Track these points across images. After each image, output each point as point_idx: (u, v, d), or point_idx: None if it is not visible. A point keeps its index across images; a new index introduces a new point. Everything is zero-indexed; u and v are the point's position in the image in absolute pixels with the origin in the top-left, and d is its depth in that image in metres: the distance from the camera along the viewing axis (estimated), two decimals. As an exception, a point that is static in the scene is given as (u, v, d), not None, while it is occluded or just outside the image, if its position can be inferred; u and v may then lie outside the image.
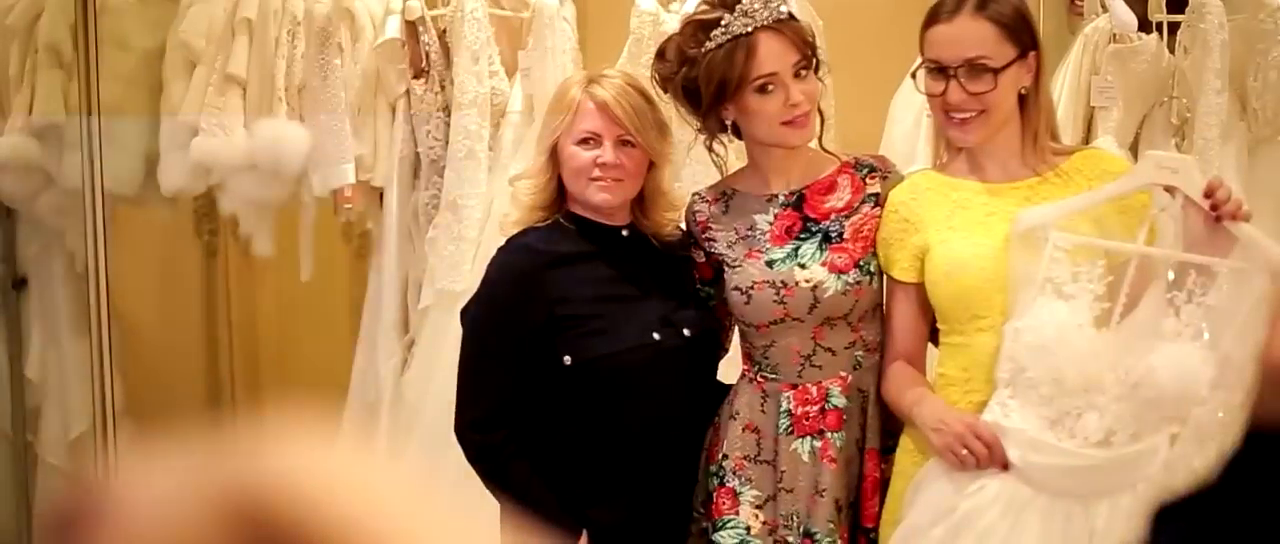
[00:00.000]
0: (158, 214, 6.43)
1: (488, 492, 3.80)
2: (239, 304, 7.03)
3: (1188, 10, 4.69)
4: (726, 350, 4.12)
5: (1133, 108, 4.74)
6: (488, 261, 3.98)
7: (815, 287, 3.77)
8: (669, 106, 3.98)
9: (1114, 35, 4.74)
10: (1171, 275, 3.39)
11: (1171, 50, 4.76)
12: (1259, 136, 4.67)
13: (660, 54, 3.93)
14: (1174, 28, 4.78)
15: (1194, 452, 3.27)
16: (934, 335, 3.83)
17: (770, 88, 3.74)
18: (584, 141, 3.81)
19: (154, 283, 6.91)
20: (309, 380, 6.70)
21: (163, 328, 6.93)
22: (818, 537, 3.75)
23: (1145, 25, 4.80)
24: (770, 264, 3.82)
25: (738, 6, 3.76)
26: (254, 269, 6.87)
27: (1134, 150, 4.72)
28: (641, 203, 3.95)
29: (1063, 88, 4.73)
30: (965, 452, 3.46)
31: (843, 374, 3.81)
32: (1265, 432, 1.25)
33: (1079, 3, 5.17)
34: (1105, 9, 4.74)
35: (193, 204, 6.49)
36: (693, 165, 4.57)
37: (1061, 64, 4.81)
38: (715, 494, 3.85)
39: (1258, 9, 4.66)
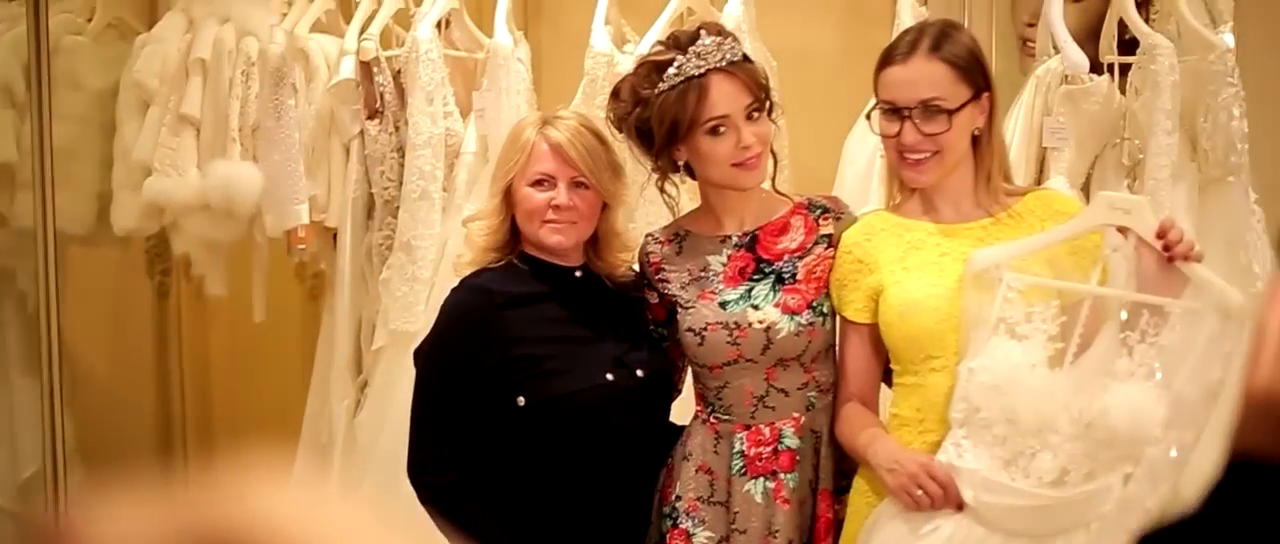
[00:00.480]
0: (109, 254, 6.42)
1: (440, 533, 3.78)
2: (191, 345, 7.01)
3: (1139, 52, 4.70)
4: (680, 391, 4.11)
5: (1084, 148, 4.75)
6: (441, 302, 3.97)
7: (768, 328, 3.77)
8: (623, 146, 3.97)
9: (1066, 76, 4.75)
10: (1124, 315, 3.40)
11: (1123, 91, 4.77)
12: (1209, 177, 4.68)
13: (615, 94, 3.92)
14: (1125, 69, 4.79)
15: (1147, 491, 3.28)
16: (887, 376, 3.84)
17: (722, 130, 3.74)
18: (538, 183, 3.81)
19: (105, 324, 6.89)
20: (261, 421, 6.68)
21: (114, 369, 6.91)
22: (771, 578, 3.76)
23: (1097, 66, 4.81)
24: (723, 305, 3.82)
25: (691, 48, 3.76)
26: (206, 310, 6.85)
27: (1086, 191, 4.73)
28: (595, 244, 3.96)
29: (1015, 128, 4.74)
30: (919, 492, 3.47)
31: (796, 415, 3.80)
32: (1246, 460, 1.26)
33: (1030, 43, 5.19)
34: (1057, 50, 4.75)
35: (144, 244, 6.48)
36: (646, 206, 4.56)
37: (1013, 105, 4.82)
38: (668, 536, 3.84)
39: (1207, 51, 4.67)
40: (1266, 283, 3.31)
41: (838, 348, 3.87)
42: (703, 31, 3.81)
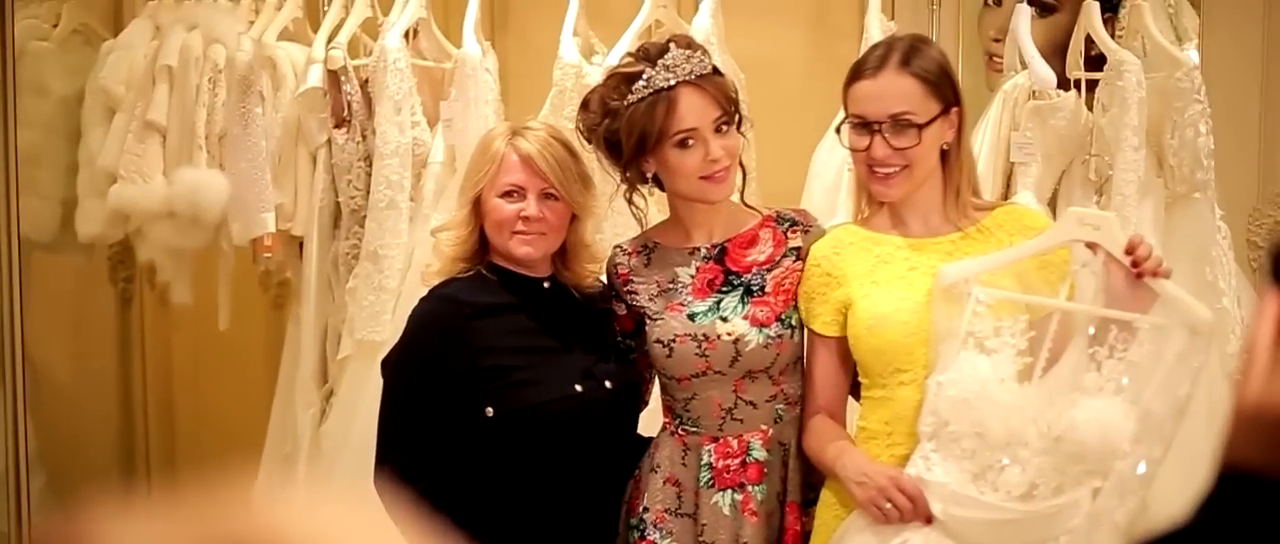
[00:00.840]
0: (73, 261, 6.40)
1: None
2: (154, 353, 6.98)
3: (1106, 68, 4.72)
4: (647, 403, 4.11)
5: (1052, 164, 4.76)
6: (409, 312, 3.96)
7: (737, 340, 3.77)
8: (591, 157, 3.97)
9: (1033, 92, 4.77)
10: (1092, 330, 3.40)
11: (1090, 107, 4.79)
12: (1176, 194, 4.70)
13: (584, 105, 3.92)
14: (1092, 85, 4.81)
15: (1115, 505, 3.28)
16: (855, 389, 3.84)
17: (690, 142, 3.74)
18: (507, 194, 3.81)
19: (68, 330, 6.86)
20: (225, 430, 6.66)
21: (77, 375, 6.88)
22: (739, 590, 3.76)
23: (1064, 82, 4.83)
24: (692, 317, 3.82)
25: (660, 60, 3.76)
26: (170, 317, 6.83)
27: (1052, 206, 4.74)
28: (563, 255, 3.96)
29: (982, 143, 4.75)
30: (888, 505, 3.47)
31: (764, 427, 3.81)
32: (1237, 474, 1.26)
33: (997, 58, 5.20)
34: (1024, 65, 4.77)
35: (108, 251, 6.46)
36: (615, 217, 4.56)
37: (981, 119, 4.84)
38: (636, 547, 3.85)
39: (1174, 68, 4.69)
40: (1259, 298, 3.34)
41: (806, 361, 3.88)
42: (672, 44, 3.81)
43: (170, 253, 5.79)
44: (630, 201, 3.95)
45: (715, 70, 3.84)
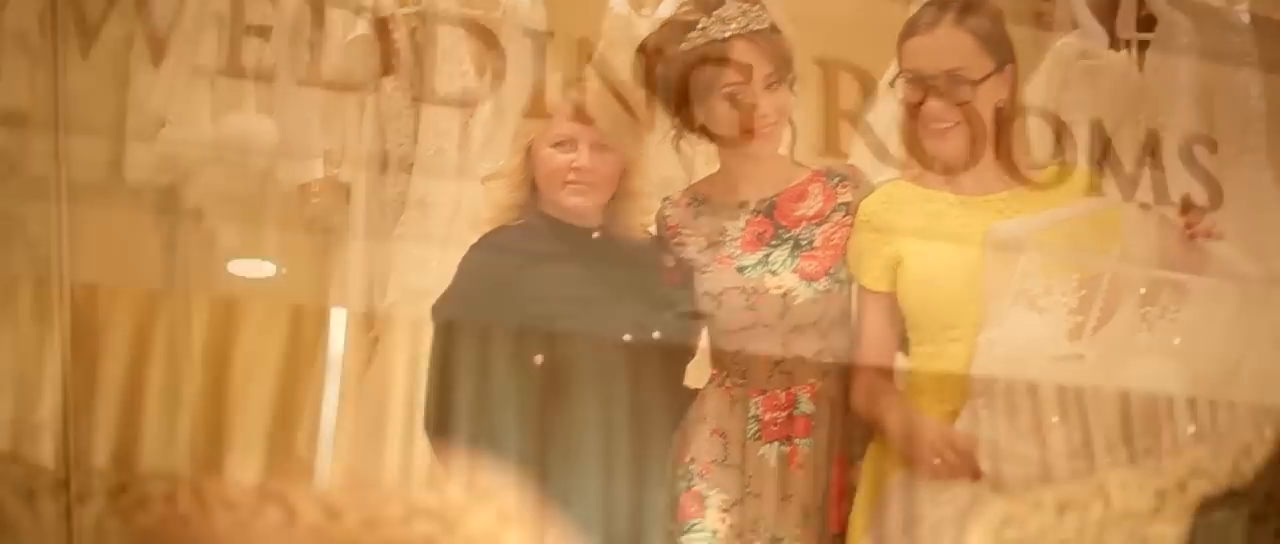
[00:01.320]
0: (120, 203, 6.41)
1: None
2: (199, 297, 6.99)
3: (1157, 29, 4.71)
4: (694, 354, 4.12)
5: (1102, 124, 4.76)
6: (458, 260, 3.97)
7: (786, 293, 3.78)
8: (642, 106, 3.97)
9: (1084, 51, 4.75)
10: (1144, 291, 3.40)
11: (1140, 68, 4.78)
12: (1226, 156, 4.69)
13: (640, 49, 3.92)
14: (1143, 46, 4.80)
15: (1165, 466, 3.29)
16: (904, 344, 3.84)
17: (740, 96, 3.74)
18: (559, 144, 3.81)
19: (114, 272, 6.87)
20: (269, 375, 6.67)
21: (121, 319, 6.89)
22: (784, 542, 3.77)
23: (1115, 42, 4.81)
24: (741, 270, 3.83)
25: (717, 11, 3.76)
26: (216, 261, 6.83)
27: (1102, 167, 4.73)
28: (613, 205, 3.95)
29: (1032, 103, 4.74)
30: (938, 461, 3.47)
31: (812, 381, 3.82)
32: None
33: (1045, 17, 5.19)
34: (1076, 25, 4.76)
35: (154, 196, 6.47)
36: (663, 166, 4.56)
37: (1030, 78, 4.82)
38: (682, 497, 3.86)
39: (1225, 30, 4.68)
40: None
41: (855, 316, 3.87)
42: (731, -5, 3.82)
43: (218, 197, 5.80)
44: (678, 150, 3.95)
45: (773, 27, 3.84)
